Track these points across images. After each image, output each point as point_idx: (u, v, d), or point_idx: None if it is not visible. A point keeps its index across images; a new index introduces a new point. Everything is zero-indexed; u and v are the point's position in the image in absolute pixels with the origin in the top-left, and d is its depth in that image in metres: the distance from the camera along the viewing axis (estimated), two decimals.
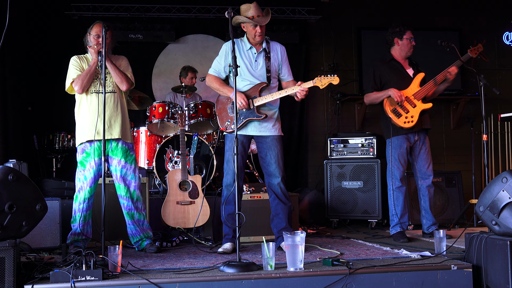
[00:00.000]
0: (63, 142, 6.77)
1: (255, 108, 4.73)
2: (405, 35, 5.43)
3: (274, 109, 4.86)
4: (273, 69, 4.83)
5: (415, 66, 5.52)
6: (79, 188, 4.72)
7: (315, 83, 4.71)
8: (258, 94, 4.74)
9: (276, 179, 4.76)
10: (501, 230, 3.86)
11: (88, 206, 4.74)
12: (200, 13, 7.98)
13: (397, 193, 5.37)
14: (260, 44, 4.84)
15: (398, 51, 5.49)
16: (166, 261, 4.25)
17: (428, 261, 4.01)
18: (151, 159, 6.50)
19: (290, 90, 4.74)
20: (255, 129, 4.77)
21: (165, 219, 5.40)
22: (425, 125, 5.41)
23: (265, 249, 3.73)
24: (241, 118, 4.73)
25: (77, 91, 4.72)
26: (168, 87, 7.55)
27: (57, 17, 7.66)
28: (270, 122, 4.80)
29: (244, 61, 4.78)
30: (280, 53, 4.89)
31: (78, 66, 4.78)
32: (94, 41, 4.72)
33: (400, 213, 5.36)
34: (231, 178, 4.71)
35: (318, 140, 8.22)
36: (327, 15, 8.29)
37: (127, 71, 4.87)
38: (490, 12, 8.59)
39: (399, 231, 5.35)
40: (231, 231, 4.76)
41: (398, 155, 5.37)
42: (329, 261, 3.85)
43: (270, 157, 4.77)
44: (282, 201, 4.78)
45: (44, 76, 7.37)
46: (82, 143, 4.74)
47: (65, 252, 4.21)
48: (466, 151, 7.59)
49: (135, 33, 7.77)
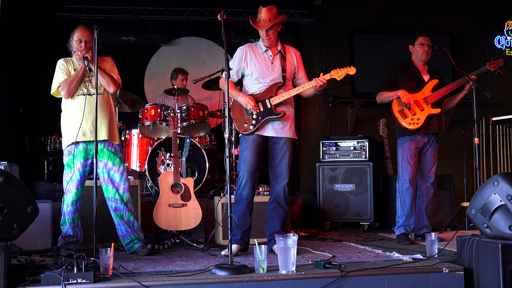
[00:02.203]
0: (55, 144, 6.74)
1: (273, 106, 4.72)
2: (416, 41, 5.54)
3: (291, 110, 4.84)
4: (288, 71, 4.82)
5: (432, 74, 5.59)
6: (66, 190, 4.70)
7: (332, 75, 4.73)
8: (274, 93, 4.74)
9: (283, 181, 4.74)
10: (492, 233, 3.87)
11: (76, 208, 4.70)
12: (192, 15, 7.98)
13: (405, 195, 5.43)
14: (274, 46, 4.84)
15: (414, 57, 5.62)
16: (158, 264, 4.23)
17: (420, 264, 4.02)
18: (143, 162, 6.48)
19: (307, 84, 4.73)
20: (272, 131, 4.75)
21: (157, 221, 5.39)
22: (433, 129, 5.48)
23: (257, 252, 3.73)
24: (259, 118, 4.72)
25: (63, 95, 4.70)
26: (160, 89, 7.54)
27: (49, 19, 7.64)
28: (287, 123, 4.78)
29: (260, 64, 4.79)
30: (295, 56, 4.90)
31: (65, 70, 4.76)
32: (77, 46, 4.69)
33: (406, 215, 5.42)
34: (245, 177, 4.69)
35: (310, 143, 8.22)
36: (319, 18, 8.31)
37: (113, 72, 4.83)
38: (481, 16, 8.64)
39: (403, 232, 5.40)
40: (239, 232, 4.71)
41: (407, 156, 5.45)
42: (321, 264, 3.85)
43: (281, 159, 4.75)
44: (281, 205, 4.75)
45: (36, 78, 7.33)
46: (68, 146, 4.72)
47: (56, 254, 4.18)
48: (458, 154, 7.62)
49: (128, 36, 7.76)
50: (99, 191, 4.94)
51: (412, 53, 5.62)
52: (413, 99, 5.40)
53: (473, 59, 8.11)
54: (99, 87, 4.74)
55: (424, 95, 5.43)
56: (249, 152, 4.71)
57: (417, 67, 5.59)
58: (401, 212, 5.44)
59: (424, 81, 5.53)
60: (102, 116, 4.74)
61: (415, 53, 5.58)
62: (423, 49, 5.51)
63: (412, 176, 5.45)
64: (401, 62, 5.69)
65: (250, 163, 4.70)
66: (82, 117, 4.59)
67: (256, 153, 4.72)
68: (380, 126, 7.01)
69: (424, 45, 5.50)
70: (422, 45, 5.50)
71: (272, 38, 4.78)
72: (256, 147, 4.73)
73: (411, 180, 5.44)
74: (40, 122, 7.28)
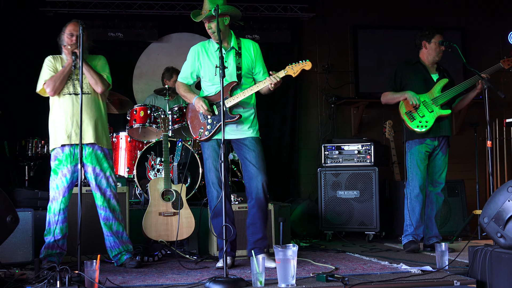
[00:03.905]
0: (37, 148, 6.72)
1: (228, 109, 4.70)
2: (434, 39, 5.52)
3: (250, 110, 4.81)
4: (245, 67, 4.77)
5: (442, 72, 5.58)
6: (52, 198, 4.69)
7: (286, 72, 4.65)
8: (229, 94, 4.70)
9: (256, 180, 4.67)
10: (507, 243, 3.87)
11: (64, 217, 4.70)
12: (185, 10, 7.97)
13: (414, 202, 5.45)
14: (226, 42, 4.77)
15: (426, 54, 5.60)
16: (148, 277, 4.22)
17: (429, 276, 4.01)
18: (131, 167, 6.47)
19: (262, 83, 4.68)
20: (231, 133, 4.73)
21: (147, 231, 5.37)
22: (443, 132, 5.49)
23: (254, 264, 3.71)
24: (214, 123, 4.71)
25: (48, 93, 4.70)
26: (150, 89, 7.53)
27: (30, 14, 7.63)
28: (246, 124, 4.76)
29: (212, 63, 4.75)
30: (252, 50, 4.83)
31: (52, 67, 4.76)
32: (67, 40, 4.70)
33: (416, 224, 5.45)
34: (213, 188, 4.70)
35: (311, 147, 8.22)
36: (321, 13, 8.32)
37: (103, 71, 4.84)
38: (494, 10, 8.65)
39: (411, 240, 5.42)
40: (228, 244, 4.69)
41: (416, 160, 5.46)
42: (323, 276, 3.84)
43: (250, 158, 4.71)
44: (260, 207, 4.70)
45: (17, 77, 7.33)
46: (55, 149, 4.72)
47: (38, 267, 4.17)
48: (470, 159, 7.63)
49: (115, 31, 7.75)
50: (89, 198, 4.94)
51: (423, 49, 5.59)
52: (421, 100, 5.40)
53: (485, 56, 8.12)
54: (88, 86, 4.75)
55: (433, 96, 5.44)
56: (211, 160, 4.70)
57: (425, 65, 5.58)
58: (410, 221, 5.44)
59: (433, 80, 5.52)
60: (88, 117, 4.73)
61: (428, 51, 5.55)
62: (439, 49, 5.51)
63: (422, 182, 5.45)
64: (407, 60, 5.69)
65: (215, 172, 4.69)
66: (68, 118, 4.58)
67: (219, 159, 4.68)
68: (386, 128, 7.01)
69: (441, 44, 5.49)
70: (440, 43, 5.49)
71: (216, 32, 4.50)
72: (219, 151, 4.66)
73: (421, 187, 5.44)
74: (21, 125, 7.27)
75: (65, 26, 4.77)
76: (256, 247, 4.66)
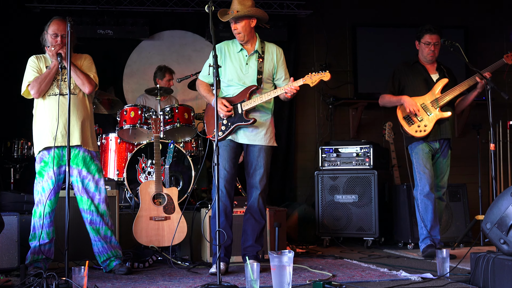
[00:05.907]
0: (23, 150, 6.71)
1: (243, 112, 4.74)
2: (422, 39, 5.53)
3: (266, 116, 4.88)
4: (266, 72, 4.84)
5: (442, 71, 5.59)
6: (37, 201, 4.69)
7: (305, 81, 4.77)
8: (247, 97, 4.76)
9: (256, 191, 4.80)
10: (510, 250, 3.88)
11: (50, 221, 4.70)
12: (177, 6, 7.98)
13: (426, 201, 5.45)
14: (250, 45, 4.84)
15: (420, 54, 5.63)
16: (138, 284, 4.23)
17: (429, 283, 4.04)
18: (121, 170, 6.46)
19: (280, 90, 4.77)
20: (245, 138, 4.80)
21: (137, 236, 5.38)
22: (444, 135, 5.50)
23: (248, 271, 3.72)
24: (229, 124, 4.76)
25: (33, 95, 4.71)
26: (141, 88, 7.52)
27: (16, 10, 7.61)
28: (261, 130, 4.82)
29: (233, 65, 4.82)
30: (276, 55, 4.91)
31: (36, 68, 4.76)
32: (52, 41, 4.70)
33: (430, 224, 5.45)
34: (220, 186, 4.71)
35: (308, 149, 8.23)
36: (318, 10, 8.33)
37: (90, 71, 4.84)
38: (497, 8, 8.69)
39: (430, 244, 5.42)
40: (222, 249, 4.72)
41: (422, 159, 5.48)
42: (320, 284, 3.85)
43: (255, 168, 4.79)
44: (254, 217, 4.81)
45: (1, 76, 7.32)
46: (40, 151, 4.72)
47: (23, 274, 4.17)
48: (472, 162, 7.65)
49: (105, 29, 7.74)
50: (76, 202, 4.93)
51: (418, 49, 5.62)
52: (419, 102, 5.40)
53: (488, 55, 8.13)
54: (73, 87, 4.74)
55: (432, 98, 5.44)
56: (222, 158, 4.74)
57: (424, 66, 5.60)
58: (423, 222, 5.43)
59: (433, 81, 5.53)
60: (75, 118, 4.73)
61: (420, 51, 5.59)
62: (428, 49, 5.51)
63: (431, 180, 5.45)
64: (406, 61, 5.70)
65: (224, 170, 4.73)
66: (53, 119, 4.58)
67: (230, 160, 4.77)
68: (386, 130, 7.02)
69: (430, 45, 5.49)
70: (427, 44, 5.50)
71: (243, 33, 4.74)
72: (231, 153, 4.80)
73: (431, 185, 5.44)
74: (6, 125, 7.24)
75: (48, 26, 4.75)
76: (245, 253, 4.73)
